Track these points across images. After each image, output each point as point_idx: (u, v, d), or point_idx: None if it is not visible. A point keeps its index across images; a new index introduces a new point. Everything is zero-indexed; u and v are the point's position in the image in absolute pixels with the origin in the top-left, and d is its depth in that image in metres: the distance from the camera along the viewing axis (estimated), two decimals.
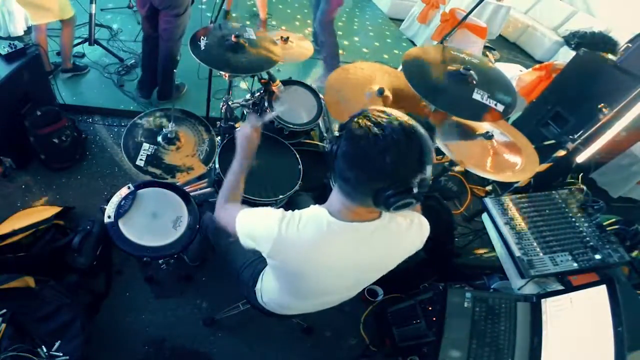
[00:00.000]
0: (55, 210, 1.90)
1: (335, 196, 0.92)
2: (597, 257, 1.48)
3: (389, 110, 0.83)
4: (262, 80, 1.94)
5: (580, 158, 2.16)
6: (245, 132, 1.21)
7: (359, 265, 1.02)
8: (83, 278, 1.75)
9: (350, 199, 0.89)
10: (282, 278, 1.11)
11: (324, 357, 1.87)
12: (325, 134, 2.42)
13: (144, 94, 2.84)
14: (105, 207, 1.52)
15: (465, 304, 1.41)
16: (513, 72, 3.51)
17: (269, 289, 1.23)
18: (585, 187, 1.73)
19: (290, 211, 0.96)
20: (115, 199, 1.53)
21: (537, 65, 3.45)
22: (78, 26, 2.68)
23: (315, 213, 0.94)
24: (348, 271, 1.04)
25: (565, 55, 4.71)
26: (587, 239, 1.55)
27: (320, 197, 1.10)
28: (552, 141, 2.39)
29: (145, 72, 2.79)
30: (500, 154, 1.74)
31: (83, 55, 3.06)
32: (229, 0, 4.14)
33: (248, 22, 4.12)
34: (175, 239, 1.51)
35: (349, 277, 1.08)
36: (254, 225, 0.99)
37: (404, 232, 1.00)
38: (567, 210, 1.67)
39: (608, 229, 1.58)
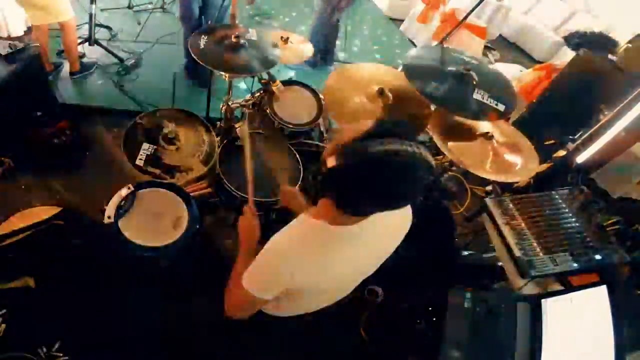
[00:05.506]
0: (55, 210, 1.90)
1: (334, 211, 0.88)
2: (597, 257, 1.48)
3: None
4: (262, 81, 1.94)
5: (581, 158, 2.16)
6: (250, 224, 1.17)
7: (372, 259, 1.03)
8: (83, 278, 1.75)
9: (355, 214, 0.88)
10: (303, 298, 1.08)
11: (323, 357, 1.87)
12: (325, 134, 2.42)
13: (192, 76, 2.98)
14: (105, 207, 1.52)
15: (465, 304, 1.41)
16: (513, 72, 3.52)
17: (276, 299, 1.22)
18: (585, 187, 1.73)
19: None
20: (115, 199, 1.53)
21: (537, 66, 3.45)
22: (78, 26, 2.68)
23: (317, 229, 0.91)
24: (364, 269, 1.05)
25: (565, 56, 4.70)
26: (587, 239, 1.55)
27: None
28: (552, 141, 2.39)
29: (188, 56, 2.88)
30: (500, 154, 1.74)
31: (83, 55, 3.05)
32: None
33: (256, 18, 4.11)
34: (175, 239, 1.51)
35: (362, 274, 1.09)
36: (265, 275, 0.95)
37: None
38: (567, 210, 1.67)
39: (608, 229, 1.58)
